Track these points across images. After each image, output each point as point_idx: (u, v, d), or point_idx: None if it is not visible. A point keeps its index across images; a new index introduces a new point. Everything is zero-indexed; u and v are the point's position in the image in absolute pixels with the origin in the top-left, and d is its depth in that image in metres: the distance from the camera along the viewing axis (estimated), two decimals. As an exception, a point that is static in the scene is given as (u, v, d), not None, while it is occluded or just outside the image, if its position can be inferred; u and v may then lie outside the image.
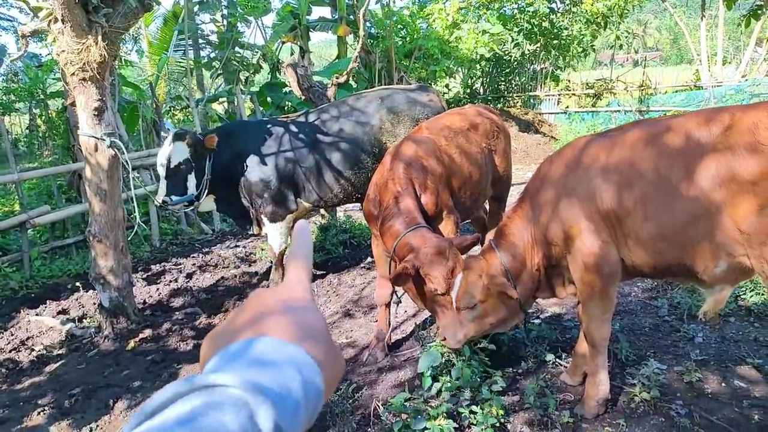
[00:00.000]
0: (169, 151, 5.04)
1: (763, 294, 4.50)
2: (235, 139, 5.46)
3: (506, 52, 17.15)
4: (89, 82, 4.40)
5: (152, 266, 6.95)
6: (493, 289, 3.17)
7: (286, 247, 5.63)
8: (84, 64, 4.30)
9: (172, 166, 5.05)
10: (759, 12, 12.48)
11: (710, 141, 2.61)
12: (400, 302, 4.12)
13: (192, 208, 5.42)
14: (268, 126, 5.67)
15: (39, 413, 3.82)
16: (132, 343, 4.77)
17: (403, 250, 3.57)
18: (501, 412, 3.13)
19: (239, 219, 5.84)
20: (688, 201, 2.65)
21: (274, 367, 0.52)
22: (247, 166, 5.42)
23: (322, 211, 7.55)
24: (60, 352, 4.82)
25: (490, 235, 3.48)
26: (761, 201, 2.45)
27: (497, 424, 3.11)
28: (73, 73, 4.34)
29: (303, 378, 0.54)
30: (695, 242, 2.69)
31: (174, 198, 5.13)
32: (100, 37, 4.28)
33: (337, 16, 14.22)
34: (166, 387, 0.48)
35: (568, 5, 16.91)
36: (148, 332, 4.91)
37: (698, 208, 2.62)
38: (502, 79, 18.06)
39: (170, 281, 6.36)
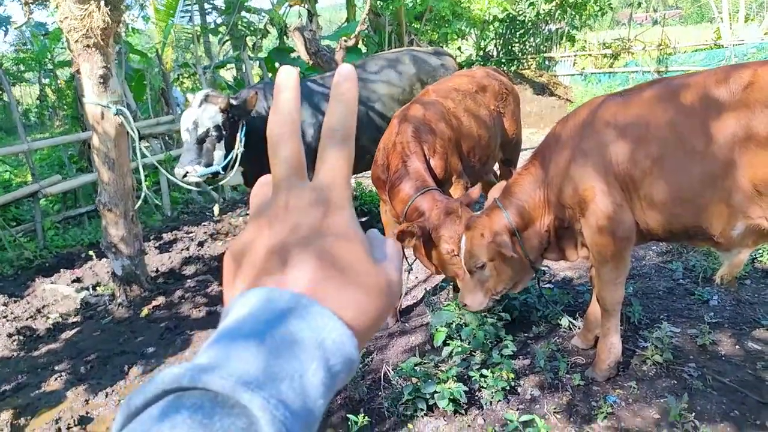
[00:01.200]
0: (198, 115, 4.50)
1: (780, 256, 4.41)
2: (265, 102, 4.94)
3: (520, 12, 16.69)
4: (93, 49, 4.33)
5: (164, 235, 6.99)
6: (498, 247, 3.10)
7: None
8: (87, 30, 4.23)
9: (199, 132, 4.50)
10: (784, -35, 11.95)
11: (729, 99, 2.51)
12: (411, 270, 4.10)
13: (219, 182, 4.86)
14: (307, 83, 5.26)
15: (56, 379, 3.89)
16: (145, 311, 4.82)
17: (414, 214, 3.53)
18: (512, 375, 3.13)
19: None
20: (706, 162, 2.56)
21: (288, 347, 0.42)
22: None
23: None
24: (75, 319, 4.90)
25: (495, 192, 3.38)
26: (781, 160, 2.36)
27: (508, 388, 3.11)
28: (77, 40, 4.28)
29: (325, 353, 0.43)
30: (712, 204, 2.61)
31: (198, 169, 4.53)
32: (102, 3, 4.19)
33: (345, -22, 13.89)
34: (160, 377, 0.40)
35: (584, -38, 16.34)
36: (161, 300, 4.96)
37: (716, 168, 2.54)
38: (516, 40, 17.59)
39: (182, 249, 6.39)
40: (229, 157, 4.65)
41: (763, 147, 2.39)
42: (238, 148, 4.67)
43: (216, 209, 5.70)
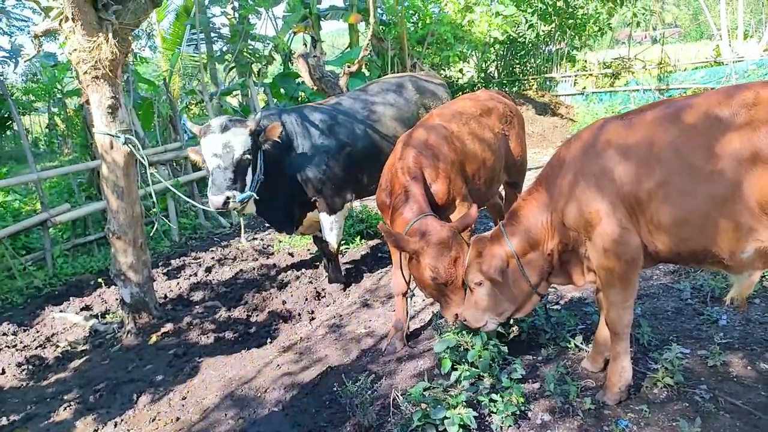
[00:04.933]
0: (228, 139, 4.40)
1: (789, 274, 4.39)
2: (283, 129, 4.88)
3: (520, 34, 16.88)
4: (102, 80, 4.42)
5: (172, 261, 7.03)
6: (483, 270, 3.24)
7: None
8: (96, 62, 4.32)
9: (235, 156, 4.40)
10: (781, -17, 12.09)
11: (733, 120, 2.52)
12: (414, 295, 4.12)
13: (240, 210, 4.74)
14: (313, 113, 5.28)
15: (65, 409, 3.89)
16: (154, 338, 4.83)
17: (404, 245, 3.59)
18: (521, 399, 3.11)
19: (281, 221, 5.37)
20: (712, 183, 2.57)
21: None
22: (302, 157, 4.98)
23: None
24: (84, 348, 4.91)
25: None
26: (788, 182, 2.37)
27: (518, 412, 3.09)
28: (86, 72, 4.37)
29: None
30: (720, 226, 2.61)
31: (237, 195, 4.41)
32: (110, 35, 4.29)
33: (347, 4, 14.14)
34: None
35: (583, -17, 16.56)
36: (169, 326, 4.97)
37: (722, 190, 2.54)
38: (517, 61, 17.78)
39: (190, 275, 6.42)
40: (255, 182, 4.62)
41: (768, 168, 2.40)
42: (260, 173, 4.64)
43: (243, 240, 5.70)
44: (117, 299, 5.62)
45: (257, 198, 4.68)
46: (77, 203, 7.83)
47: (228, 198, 4.37)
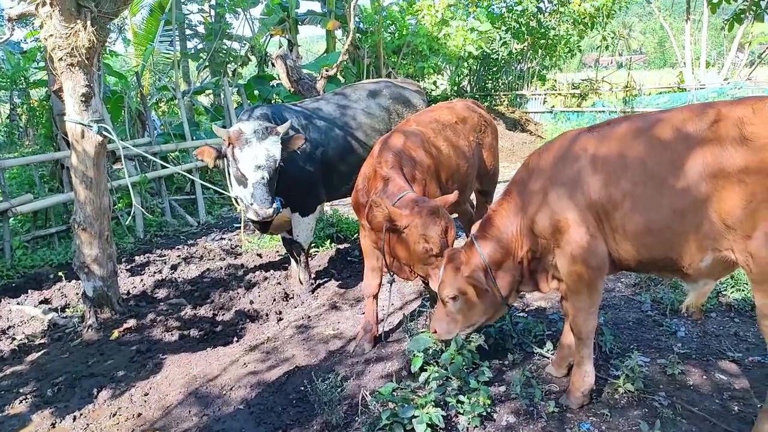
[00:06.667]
0: (269, 148, 4.40)
1: (743, 290, 4.58)
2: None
3: (494, 51, 17.22)
4: (77, 68, 4.33)
5: (136, 257, 6.89)
6: (470, 283, 3.25)
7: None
8: (72, 49, 4.24)
9: (276, 166, 4.45)
10: (741, 16, 12.69)
11: (697, 136, 2.65)
12: (393, 281, 4.13)
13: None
14: (291, 112, 5.22)
15: (21, 401, 3.76)
16: (116, 333, 4.72)
17: (395, 217, 3.52)
18: (488, 401, 3.16)
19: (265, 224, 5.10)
20: (676, 195, 2.68)
21: None
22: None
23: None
24: (42, 341, 4.76)
25: (474, 228, 3.50)
26: (747, 195, 2.49)
27: (484, 413, 3.14)
28: (61, 58, 4.28)
29: None
30: (682, 236, 2.73)
31: (276, 203, 4.46)
32: (89, 22, 4.22)
33: (326, 10, 14.18)
34: None
35: (555, 5, 17.04)
36: (132, 322, 4.86)
37: (685, 202, 2.66)
38: (490, 77, 18.14)
39: (155, 272, 6.30)
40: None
41: (729, 181, 2.52)
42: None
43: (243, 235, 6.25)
44: (77, 294, 5.48)
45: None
46: (38, 195, 7.60)
47: (276, 209, 4.43)
